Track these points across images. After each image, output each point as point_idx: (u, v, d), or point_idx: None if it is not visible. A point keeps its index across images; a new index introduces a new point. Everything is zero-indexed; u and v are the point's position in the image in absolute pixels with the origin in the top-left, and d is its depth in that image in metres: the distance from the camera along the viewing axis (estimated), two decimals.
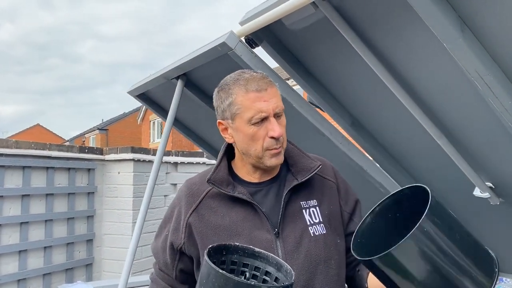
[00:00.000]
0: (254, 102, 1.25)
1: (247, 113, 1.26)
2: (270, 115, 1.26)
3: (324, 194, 1.39)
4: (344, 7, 1.55)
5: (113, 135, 33.03)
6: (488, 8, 1.22)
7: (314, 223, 1.33)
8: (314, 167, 1.37)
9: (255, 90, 1.26)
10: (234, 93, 1.29)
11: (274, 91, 1.29)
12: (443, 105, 1.78)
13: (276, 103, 1.27)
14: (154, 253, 1.50)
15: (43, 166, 4.84)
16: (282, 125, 1.29)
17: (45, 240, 4.87)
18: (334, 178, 1.45)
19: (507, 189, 2.05)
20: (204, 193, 1.37)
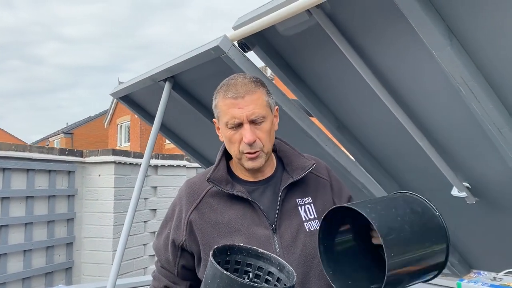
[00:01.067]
0: (229, 108, 1.32)
1: (224, 117, 1.34)
2: (244, 122, 1.31)
3: (318, 192, 1.45)
4: (337, 14, 1.63)
5: (79, 138, 32.37)
6: (474, 19, 1.32)
7: (309, 219, 1.39)
8: (308, 166, 1.43)
9: (231, 97, 1.32)
10: (217, 97, 1.38)
11: (254, 98, 1.32)
12: (426, 108, 1.88)
13: (252, 110, 1.30)
14: (156, 251, 1.53)
15: (23, 168, 4.76)
16: (262, 131, 1.33)
17: (25, 243, 4.79)
18: (328, 176, 1.52)
19: (482, 189, 2.17)
20: (204, 192, 1.43)
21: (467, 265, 2.84)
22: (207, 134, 3.16)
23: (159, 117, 2.61)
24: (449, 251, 1.24)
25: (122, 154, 5.76)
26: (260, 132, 1.33)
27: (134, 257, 5.90)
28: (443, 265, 1.21)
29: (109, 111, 27.40)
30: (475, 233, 2.54)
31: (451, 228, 2.57)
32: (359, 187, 2.55)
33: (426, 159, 2.09)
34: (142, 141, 23.47)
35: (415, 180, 2.43)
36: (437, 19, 1.30)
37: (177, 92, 2.66)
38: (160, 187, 6.34)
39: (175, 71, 2.45)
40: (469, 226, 2.51)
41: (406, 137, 2.04)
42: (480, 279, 1.77)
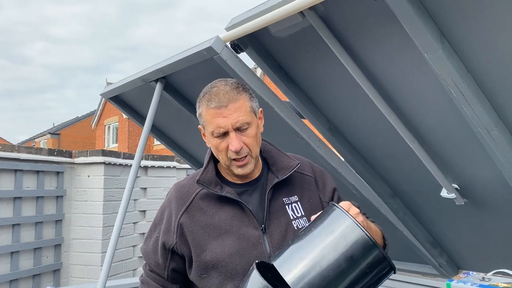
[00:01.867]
0: (214, 118, 1.33)
1: (209, 127, 1.35)
2: (230, 130, 1.32)
3: (303, 190, 1.49)
4: (330, 16, 1.65)
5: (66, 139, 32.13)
6: (465, 23, 1.34)
7: (297, 217, 1.43)
8: (293, 165, 1.46)
9: (215, 107, 1.32)
10: (200, 106, 1.39)
11: (237, 106, 1.33)
12: (416, 111, 1.90)
13: (237, 118, 1.32)
14: (144, 255, 1.53)
15: (11, 169, 4.71)
16: (248, 136, 1.35)
17: (12, 245, 4.73)
18: (312, 173, 1.55)
19: (471, 190, 2.20)
20: (194, 195, 1.44)
21: (455, 265, 2.87)
22: (198, 136, 3.14)
23: (150, 118, 2.61)
24: (385, 252, 1.16)
25: (111, 155, 5.73)
26: (246, 138, 1.35)
27: (123, 258, 5.86)
28: (389, 267, 1.12)
29: (97, 112, 27.24)
30: (464, 234, 2.57)
31: (440, 229, 2.62)
32: (350, 189, 2.56)
33: (416, 161, 2.11)
34: (130, 142, 23.36)
35: (405, 182, 2.45)
36: (429, 23, 1.33)
37: (168, 93, 2.66)
38: (150, 188, 6.31)
39: (167, 71, 2.45)
40: (458, 227, 2.54)
41: (396, 139, 2.06)
42: (469, 279, 1.80)
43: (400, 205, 2.60)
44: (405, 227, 2.65)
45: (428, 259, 2.80)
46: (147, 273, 1.52)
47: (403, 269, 3.11)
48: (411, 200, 2.57)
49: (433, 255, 2.76)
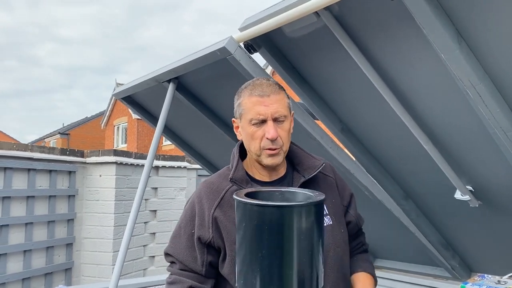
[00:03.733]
0: (255, 106, 1.39)
1: (249, 114, 1.40)
2: (268, 119, 1.38)
3: (327, 190, 1.52)
4: (345, 17, 1.64)
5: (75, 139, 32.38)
6: (482, 23, 1.33)
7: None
8: (318, 165, 1.51)
9: (258, 95, 1.40)
10: (242, 95, 1.45)
11: (278, 98, 1.41)
12: (432, 112, 1.88)
13: (276, 109, 1.39)
14: (175, 254, 1.51)
15: (24, 168, 4.76)
16: (283, 129, 1.41)
17: (25, 243, 4.77)
18: (333, 175, 1.61)
19: (486, 192, 2.17)
20: (225, 191, 1.47)
21: (467, 268, 2.85)
22: (210, 136, 3.17)
23: (162, 119, 2.62)
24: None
25: (123, 154, 5.76)
26: (281, 130, 1.40)
27: (133, 258, 5.90)
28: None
29: (106, 112, 27.40)
30: (477, 236, 2.55)
31: (453, 231, 2.59)
32: (362, 190, 2.55)
33: (430, 162, 2.10)
34: (139, 142, 23.48)
35: (418, 183, 2.43)
36: (447, 22, 1.31)
37: (181, 93, 2.67)
38: (160, 188, 6.34)
39: (180, 72, 2.46)
40: (471, 229, 2.52)
41: (410, 140, 2.05)
42: (484, 282, 1.78)
43: (412, 207, 2.58)
44: (417, 229, 2.63)
45: (440, 262, 2.78)
46: (178, 272, 1.50)
47: (415, 271, 3.09)
48: (424, 202, 2.55)
49: (445, 258, 2.73)
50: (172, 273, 1.52)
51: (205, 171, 3.86)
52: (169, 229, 6.41)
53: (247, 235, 0.99)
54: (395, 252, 3.13)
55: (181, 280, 1.48)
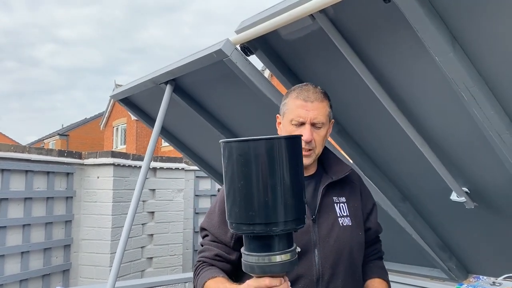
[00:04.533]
0: (298, 108, 1.53)
1: (290, 114, 1.54)
2: (307, 122, 1.52)
3: (351, 194, 1.67)
4: (340, 19, 1.65)
5: (74, 141, 32.39)
6: (476, 26, 1.34)
7: (343, 216, 1.60)
8: (346, 170, 1.65)
9: (302, 99, 1.53)
10: (289, 96, 1.60)
11: (320, 106, 1.54)
12: (427, 114, 1.89)
13: (316, 115, 1.52)
14: (208, 227, 1.63)
15: (22, 170, 4.76)
16: (318, 134, 1.55)
17: (23, 245, 4.77)
18: (359, 182, 1.74)
19: (482, 194, 2.18)
20: None
21: (464, 269, 2.85)
22: (207, 137, 3.17)
23: (160, 120, 2.62)
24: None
25: (121, 156, 5.76)
26: (316, 135, 1.54)
27: (131, 259, 5.89)
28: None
29: (105, 114, 27.42)
30: (473, 238, 2.55)
31: (450, 232, 2.60)
32: None
33: (426, 164, 2.10)
34: (138, 143, 23.49)
35: (415, 185, 2.44)
36: (441, 26, 1.32)
37: (178, 95, 2.67)
38: (158, 189, 6.34)
39: (177, 73, 2.47)
40: (468, 230, 2.53)
41: (406, 142, 2.05)
42: (479, 283, 1.79)
43: (409, 208, 2.58)
44: (414, 231, 2.63)
45: (437, 263, 2.78)
46: (209, 243, 1.61)
47: (411, 272, 3.09)
48: (420, 204, 2.56)
49: (442, 259, 2.74)
50: (204, 244, 1.64)
51: (204, 172, 3.87)
52: (166, 230, 6.41)
53: (229, 171, 1.11)
54: (391, 253, 3.13)
55: (210, 248, 1.60)
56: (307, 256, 1.50)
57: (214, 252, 1.58)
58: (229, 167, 1.10)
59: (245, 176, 1.07)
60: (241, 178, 1.07)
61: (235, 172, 1.09)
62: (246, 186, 1.07)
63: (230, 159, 1.10)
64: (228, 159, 1.10)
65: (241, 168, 1.08)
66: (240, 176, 1.08)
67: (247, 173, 1.07)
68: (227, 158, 1.11)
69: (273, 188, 1.06)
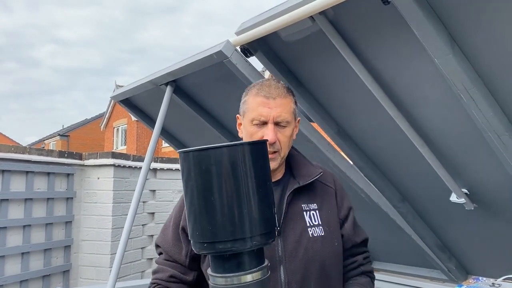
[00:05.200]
0: (259, 106, 1.37)
1: (251, 113, 1.38)
2: (270, 121, 1.36)
3: (323, 200, 1.48)
4: (340, 21, 1.66)
5: (75, 141, 32.41)
6: (475, 27, 1.35)
7: (314, 225, 1.41)
8: (315, 173, 1.47)
9: (263, 95, 1.38)
10: (248, 93, 1.44)
11: (283, 102, 1.38)
12: (426, 115, 1.90)
13: (280, 113, 1.36)
14: (162, 245, 1.52)
15: (22, 170, 4.76)
16: (283, 134, 1.39)
17: (23, 245, 4.77)
18: (333, 185, 1.55)
19: (481, 195, 2.19)
20: None
21: (464, 270, 2.86)
22: (207, 138, 3.18)
23: (160, 121, 2.63)
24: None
25: (121, 157, 5.77)
26: (281, 135, 1.38)
27: (131, 260, 5.89)
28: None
29: (106, 114, 27.43)
30: (473, 239, 2.56)
31: (449, 233, 2.61)
32: (358, 192, 2.56)
33: (425, 165, 2.11)
34: (139, 144, 23.49)
35: (414, 186, 2.45)
36: (440, 27, 1.33)
37: (178, 96, 2.68)
38: (158, 190, 6.34)
39: (177, 75, 2.47)
40: (467, 232, 2.53)
41: (406, 143, 2.06)
42: (479, 284, 1.79)
43: (409, 209, 2.59)
44: (413, 232, 2.64)
45: (437, 264, 2.79)
46: (163, 262, 1.50)
47: (411, 273, 3.10)
48: (420, 205, 2.56)
49: (442, 260, 2.74)
50: (158, 263, 1.53)
51: None
52: None
53: (189, 184, 1.01)
54: (391, 254, 3.14)
55: (164, 269, 1.48)
56: (271, 275, 1.28)
57: (169, 273, 1.46)
58: (189, 180, 1.00)
59: (207, 188, 0.97)
60: (202, 191, 0.97)
61: (195, 185, 0.98)
62: (208, 200, 0.97)
63: (190, 171, 0.99)
64: (187, 171, 1.00)
65: (202, 180, 0.97)
66: (201, 188, 0.97)
67: (209, 185, 0.96)
68: (186, 170, 1.00)
69: (239, 201, 0.96)
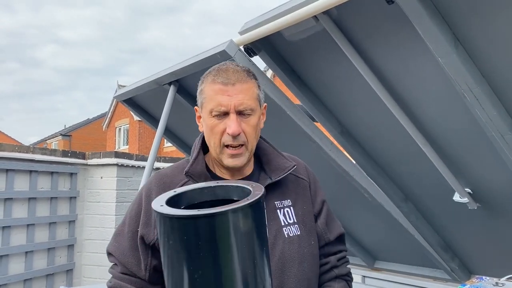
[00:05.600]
0: (217, 94, 1.20)
1: (209, 104, 1.21)
2: (231, 111, 1.19)
3: (298, 194, 1.35)
4: (343, 21, 1.66)
5: (77, 141, 32.43)
6: (479, 27, 1.35)
7: (289, 224, 1.28)
8: (288, 166, 1.32)
9: (221, 82, 1.20)
10: (204, 81, 1.26)
11: (245, 88, 1.21)
12: (429, 114, 1.90)
13: (241, 100, 1.19)
14: (116, 255, 1.31)
15: (26, 170, 4.78)
16: (248, 124, 1.22)
17: (27, 244, 4.80)
18: (307, 176, 1.41)
19: (484, 194, 2.19)
20: (179, 186, 1.25)
21: (467, 270, 2.85)
22: None
23: (163, 121, 2.64)
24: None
25: (124, 156, 5.79)
26: (246, 125, 1.22)
27: None
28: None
29: (108, 114, 27.46)
30: (476, 239, 2.56)
31: (452, 233, 2.61)
32: (361, 192, 2.56)
33: (428, 164, 2.11)
34: (141, 144, 23.52)
35: (417, 186, 2.45)
36: (444, 27, 1.33)
37: (181, 96, 2.69)
38: None
39: (180, 74, 2.48)
40: (470, 231, 2.53)
41: (409, 142, 2.06)
42: (482, 284, 1.79)
43: (412, 209, 2.59)
44: (416, 231, 2.64)
45: (439, 264, 2.78)
46: (120, 277, 1.29)
47: (414, 273, 3.09)
48: (423, 204, 2.56)
49: (444, 260, 2.74)
50: (114, 277, 1.31)
51: None
52: None
53: (170, 258, 0.84)
54: (394, 254, 3.14)
55: (122, 285, 1.28)
56: None
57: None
58: (171, 251, 0.82)
59: (203, 264, 0.79)
60: (197, 266, 0.80)
61: (178, 259, 0.81)
62: (207, 276, 0.79)
63: (169, 240, 0.82)
64: (167, 239, 0.82)
65: (185, 254, 0.80)
66: (195, 263, 0.80)
67: (207, 259, 0.79)
68: (165, 238, 0.83)
69: (254, 273, 0.81)
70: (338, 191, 2.75)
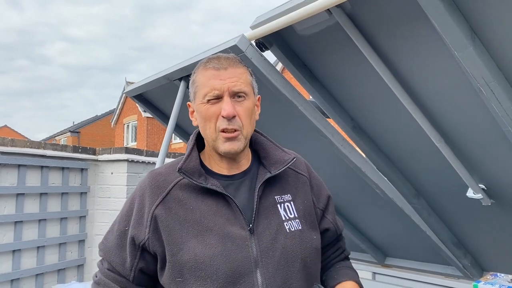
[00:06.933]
0: (209, 80, 1.22)
1: (202, 90, 1.23)
2: (225, 94, 1.21)
3: (298, 189, 1.35)
4: (357, 14, 1.64)
5: (85, 138, 32.78)
6: (496, 19, 1.32)
7: (290, 219, 1.27)
8: (288, 160, 1.32)
9: (213, 67, 1.23)
10: (196, 71, 1.29)
11: (238, 72, 1.24)
12: (444, 109, 1.87)
13: (235, 82, 1.21)
14: (105, 252, 1.32)
15: (37, 165, 4.82)
16: (243, 106, 1.23)
17: (39, 239, 4.83)
18: (307, 173, 1.41)
19: (499, 191, 2.16)
20: (172, 184, 1.27)
21: (479, 267, 2.83)
22: None
23: (174, 116, 2.64)
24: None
25: (134, 152, 5.81)
26: (240, 108, 1.22)
27: None
28: None
29: (116, 111, 27.65)
30: (490, 235, 2.53)
31: (465, 229, 2.58)
32: (373, 188, 2.55)
33: (442, 160, 2.09)
34: (149, 140, 23.64)
35: (430, 182, 2.42)
36: (460, 20, 1.31)
37: None
38: None
39: (191, 70, 2.45)
40: (484, 228, 2.50)
41: (422, 138, 2.04)
42: (497, 281, 1.77)
43: (424, 205, 2.57)
44: (428, 228, 2.62)
45: (451, 260, 2.76)
46: (105, 273, 1.30)
47: (426, 270, 3.08)
48: (435, 201, 2.54)
49: (457, 256, 2.72)
50: (100, 271, 1.34)
51: None
52: None
53: None
54: (406, 250, 3.12)
55: (106, 283, 1.29)
56: (246, 280, 1.16)
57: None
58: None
59: None
60: None
61: None
62: None
63: None
64: None
65: None
66: None
67: None
68: None
69: None
70: (349, 187, 2.74)
